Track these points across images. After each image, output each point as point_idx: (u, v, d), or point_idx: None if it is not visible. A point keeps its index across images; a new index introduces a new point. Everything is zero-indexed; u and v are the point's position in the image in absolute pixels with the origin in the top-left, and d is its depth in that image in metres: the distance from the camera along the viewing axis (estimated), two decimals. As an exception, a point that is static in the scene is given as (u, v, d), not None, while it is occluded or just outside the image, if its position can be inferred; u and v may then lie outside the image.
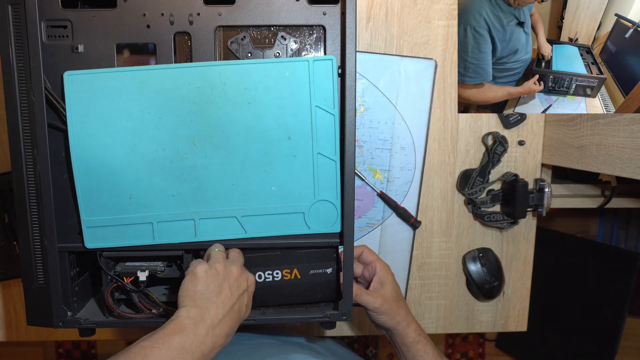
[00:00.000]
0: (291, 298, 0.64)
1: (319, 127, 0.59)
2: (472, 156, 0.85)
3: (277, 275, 0.62)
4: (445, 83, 0.82)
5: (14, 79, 0.56)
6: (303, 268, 0.63)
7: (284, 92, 0.58)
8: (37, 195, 0.58)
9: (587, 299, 1.35)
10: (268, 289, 0.63)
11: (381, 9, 0.80)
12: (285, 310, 0.64)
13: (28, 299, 0.61)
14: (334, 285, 0.64)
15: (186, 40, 0.59)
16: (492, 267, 0.87)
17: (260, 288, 0.62)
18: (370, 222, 0.84)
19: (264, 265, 0.62)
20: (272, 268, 0.62)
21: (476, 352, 1.80)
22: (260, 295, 0.62)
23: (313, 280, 0.63)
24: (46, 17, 0.57)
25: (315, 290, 0.64)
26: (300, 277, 0.63)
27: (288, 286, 0.63)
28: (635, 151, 0.70)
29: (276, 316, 0.63)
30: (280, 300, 0.64)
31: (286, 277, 0.63)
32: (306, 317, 0.63)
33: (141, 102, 0.57)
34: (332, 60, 0.58)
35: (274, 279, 0.62)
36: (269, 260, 0.62)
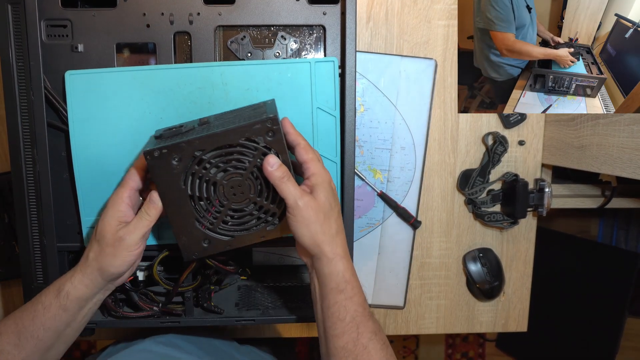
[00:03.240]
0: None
1: (320, 129, 0.59)
2: (472, 156, 0.85)
3: None
4: (446, 83, 0.82)
5: (13, 79, 0.56)
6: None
7: (285, 93, 0.58)
8: (37, 195, 0.58)
9: (587, 299, 1.35)
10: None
11: (381, 9, 0.79)
12: (285, 310, 0.64)
13: (27, 299, 0.60)
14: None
15: (186, 40, 0.59)
16: (492, 267, 0.87)
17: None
18: (371, 222, 0.84)
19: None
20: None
21: (476, 352, 1.80)
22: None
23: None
24: (46, 17, 0.57)
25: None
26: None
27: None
28: (635, 151, 0.70)
29: (276, 316, 0.63)
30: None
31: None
32: (306, 317, 0.63)
33: (142, 102, 0.57)
34: (333, 61, 0.58)
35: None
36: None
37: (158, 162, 0.50)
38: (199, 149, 0.50)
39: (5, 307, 0.84)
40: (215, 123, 0.53)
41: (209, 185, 0.52)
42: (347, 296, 0.51)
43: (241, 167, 0.51)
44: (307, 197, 0.50)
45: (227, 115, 0.55)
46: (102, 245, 0.52)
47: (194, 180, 0.51)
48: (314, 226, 0.50)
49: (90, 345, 1.70)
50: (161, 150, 0.49)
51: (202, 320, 0.62)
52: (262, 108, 0.53)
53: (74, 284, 0.52)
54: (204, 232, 0.54)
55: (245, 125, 0.49)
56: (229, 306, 0.65)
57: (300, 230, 0.51)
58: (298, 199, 0.50)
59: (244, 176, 0.52)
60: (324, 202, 0.51)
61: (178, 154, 0.50)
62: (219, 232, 0.54)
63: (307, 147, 0.53)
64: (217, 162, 0.51)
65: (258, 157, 0.51)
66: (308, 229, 0.50)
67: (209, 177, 0.51)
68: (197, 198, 0.52)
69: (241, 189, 0.52)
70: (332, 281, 0.51)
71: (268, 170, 0.50)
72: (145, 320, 0.61)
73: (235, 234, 0.55)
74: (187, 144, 0.49)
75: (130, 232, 0.52)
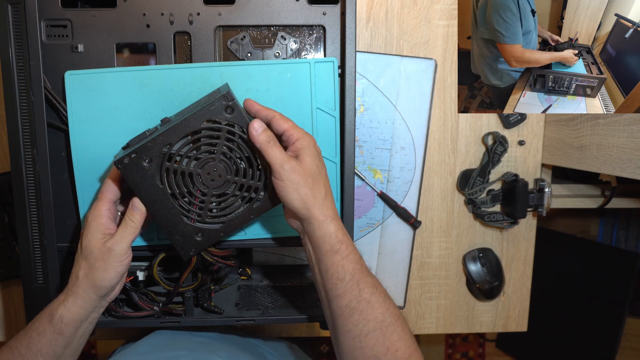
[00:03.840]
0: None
1: (320, 129, 0.59)
2: (472, 156, 0.85)
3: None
4: (445, 83, 0.82)
5: (13, 79, 0.56)
6: None
7: (285, 94, 0.58)
8: (37, 195, 0.58)
9: (587, 299, 1.35)
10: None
11: (381, 9, 0.79)
12: (285, 310, 0.64)
13: (27, 299, 0.61)
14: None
15: (186, 40, 0.59)
16: (492, 267, 0.87)
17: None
18: (370, 222, 0.84)
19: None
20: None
21: (476, 352, 1.80)
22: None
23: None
24: (46, 17, 0.57)
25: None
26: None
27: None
28: (635, 151, 0.70)
29: (276, 316, 0.63)
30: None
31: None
32: (306, 317, 0.63)
33: (142, 102, 0.57)
34: (333, 62, 0.58)
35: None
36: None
37: (130, 168, 0.50)
38: (165, 144, 0.50)
39: (5, 307, 0.84)
40: (175, 119, 0.53)
41: (185, 177, 0.52)
42: (343, 256, 0.51)
43: (210, 150, 0.52)
44: (293, 161, 0.50)
45: (185, 109, 0.56)
46: (91, 260, 0.52)
47: (170, 176, 0.52)
48: (303, 189, 0.50)
49: (90, 346, 1.70)
50: (130, 156, 0.50)
51: (202, 320, 0.62)
52: (216, 92, 0.54)
53: (67, 306, 0.52)
54: (194, 226, 0.54)
55: (202, 109, 0.50)
56: (229, 306, 0.65)
57: (290, 195, 0.50)
58: (284, 163, 0.49)
59: (216, 159, 0.52)
60: (310, 165, 0.50)
61: (147, 155, 0.50)
62: (209, 222, 0.54)
63: (282, 116, 0.52)
64: (186, 152, 0.51)
65: (224, 136, 0.51)
66: (298, 192, 0.50)
67: (183, 169, 0.52)
68: (178, 194, 0.53)
69: (217, 172, 0.52)
70: (325, 243, 0.51)
71: (253, 135, 0.49)
72: (145, 320, 0.61)
73: (225, 219, 0.55)
74: (152, 143, 0.50)
75: (117, 242, 0.51)
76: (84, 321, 0.53)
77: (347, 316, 0.51)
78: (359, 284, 0.51)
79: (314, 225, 0.51)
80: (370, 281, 0.52)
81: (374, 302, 0.51)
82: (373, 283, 0.52)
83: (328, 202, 0.52)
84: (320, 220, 0.50)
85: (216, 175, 0.52)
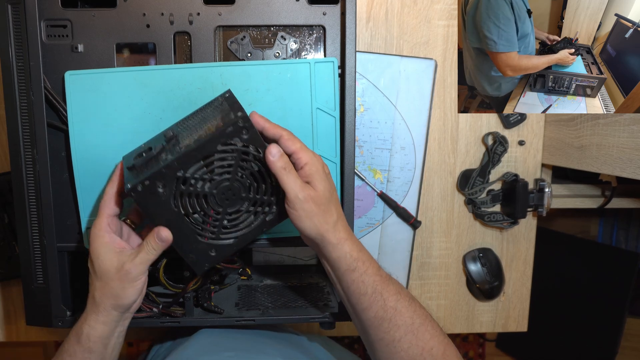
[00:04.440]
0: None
1: (320, 129, 0.59)
2: (472, 156, 0.85)
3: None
4: (445, 83, 0.82)
5: (13, 79, 0.56)
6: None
7: (285, 94, 0.58)
8: (37, 195, 0.58)
9: (587, 299, 1.35)
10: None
11: (381, 9, 0.79)
12: (285, 310, 0.64)
13: (27, 299, 0.61)
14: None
15: (186, 40, 0.59)
16: (492, 267, 0.87)
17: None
18: (370, 222, 0.84)
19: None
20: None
21: (476, 352, 1.80)
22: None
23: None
24: (46, 17, 0.57)
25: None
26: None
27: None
28: (635, 151, 0.70)
29: (276, 316, 0.63)
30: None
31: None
32: (306, 317, 0.63)
33: (142, 102, 0.57)
34: (333, 62, 0.58)
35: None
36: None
37: (143, 194, 0.49)
38: (180, 169, 0.49)
39: (5, 307, 0.84)
40: (182, 134, 0.51)
41: (199, 199, 0.51)
42: (360, 272, 0.51)
43: (226, 172, 0.51)
44: (307, 190, 0.49)
45: (189, 121, 0.53)
46: (106, 280, 0.51)
47: (184, 199, 0.50)
48: (316, 218, 0.50)
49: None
50: (143, 183, 0.48)
51: (202, 320, 0.62)
52: (224, 105, 0.52)
53: (91, 324, 0.52)
54: (208, 243, 0.53)
55: (217, 133, 0.48)
56: (229, 306, 0.65)
57: (303, 223, 0.50)
58: (299, 192, 0.49)
59: (231, 180, 0.51)
60: (322, 192, 0.50)
61: (161, 181, 0.49)
62: (222, 238, 0.54)
63: (291, 136, 0.51)
64: (201, 175, 0.50)
65: (239, 157, 0.50)
66: (311, 221, 0.50)
67: (198, 192, 0.50)
68: (192, 215, 0.52)
69: (232, 192, 0.52)
70: (342, 264, 0.51)
71: (270, 160, 0.49)
72: (145, 320, 0.61)
73: (238, 234, 0.54)
74: (167, 169, 0.48)
75: (136, 265, 0.51)
76: (111, 336, 0.53)
77: (377, 326, 0.52)
78: (382, 294, 0.52)
79: (329, 249, 0.51)
80: (393, 289, 0.52)
81: (401, 308, 0.52)
82: (396, 290, 0.53)
83: (340, 225, 0.52)
84: (334, 243, 0.51)
85: (230, 195, 0.52)
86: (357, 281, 0.51)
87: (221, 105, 0.52)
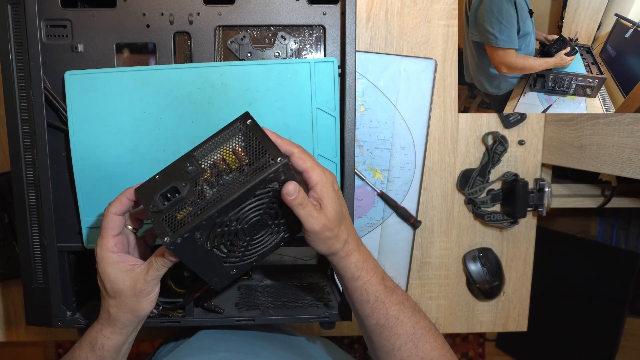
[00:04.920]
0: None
1: (320, 129, 0.59)
2: (472, 156, 0.85)
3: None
4: (445, 83, 0.82)
5: (13, 79, 0.56)
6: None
7: (285, 94, 0.58)
8: (37, 195, 0.58)
9: (587, 299, 1.35)
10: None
11: (381, 9, 0.79)
12: (285, 310, 0.64)
13: (27, 299, 0.60)
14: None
15: (186, 40, 0.59)
16: (492, 267, 0.87)
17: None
18: (371, 222, 0.84)
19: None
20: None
21: (476, 352, 1.80)
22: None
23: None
24: (46, 17, 0.57)
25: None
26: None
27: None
28: (635, 151, 0.70)
29: (276, 316, 0.63)
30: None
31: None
32: (306, 317, 0.63)
33: (142, 102, 0.57)
34: (333, 62, 0.58)
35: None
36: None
37: (182, 245, 0.47)
38: (219, 217, 0.48)
39: (5, 307, 0.84)
40: (209, 172, 0.49)
41: (232, 236, 0.51)
42: (364, 281, 0.53)
43: (257, 209, 0.50)
44: (322, 220, 0.50)
45: (212, 152, 0.51)
46: (122, 299, 0.51)
47: (218, 239, 0.50)
48: (330, 242, 0.52)
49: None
50: (183, 236, 0.46)
51: (202, 320, 0.62)
52: (251, 138, 0.49)
53: (107, 335, 0.52)
54: (231, 266, 0.54)
55: (259, 181, 0.47)
56: (229, 306, 0.65)
57: (318, 247, 0.52)
58: (315, 225, 0.50)
59: (262, 215, 0.51)
60: (333, 214, 0.51)
61: (199, 230, 0.47)
62: (245, 260, 0.55)
63: (302, 154, 0.51)
64: (237, 217, 0.49)
65: (273, 196, 0.50)
66: (324, 244, 0.52)
67: (231, 231, 0.50)
68: (222, 247, 0.52)
69: (259, 224, 0.52)
70: (347, 272, 0.53)
71: (288, 200, 0.49)
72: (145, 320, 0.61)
73: (259, 253, 0.55)
74: (207, 220, 0.47)
75: (148, 282, 0.51)
76: (125, 343, 0.54)
77: (379, 333, 0.53)
78: (384, 303, 0.53)
79: (336, 260, 0.53)
80: (397, 298, 0.54)
81: (403, 318, 0.53)
82: (400, 300, 0.54)
83: (350, 240, 0.53)
84: (342, 256, 0.53)
85: (258, 227, 0.52)
86: (360, 289, 0.53)
87: (247, 138, 0.50)
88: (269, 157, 0.48)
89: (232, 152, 0.49)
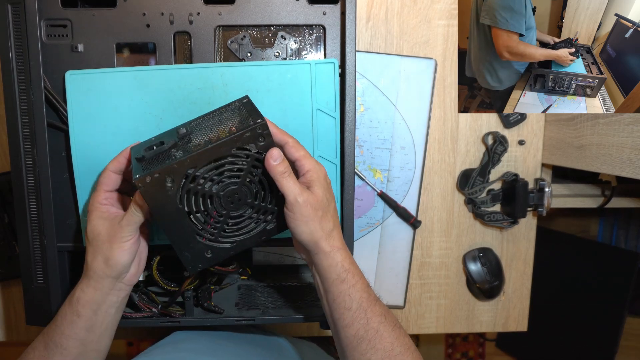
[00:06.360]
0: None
1: (320, 130, 0.59)
2: (472, 156, 0.85)
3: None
4: (445, 83, 0.82)
5: (13, 79, 0.56)
6: None
7: (285, 95, 0.58)
8: (37, 195, 0.58)
9: (587, 299, 1.35)
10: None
11: (381, 8, 0.79)
12: (285, 310, 0.64)
13: (27, 299, 0.61)
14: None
15: (186, 40, 0.59)
16: (492, 267, 0.87)
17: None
18: (370, 222, 0.84)
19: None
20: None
21: (476, 352, 1.80)
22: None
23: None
24: (46, 17, 0.57)
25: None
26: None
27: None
28: (635, 151, 0.70)
29: (276, 316, 0.63)
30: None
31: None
32: (306, 317, 0.63)
33: (142, 102, 0.57)
34: (334, 63, 0.58)
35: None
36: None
37: (151, 186, 0.48)
38: (191, 167, 0.49)
39: (5, 307, 0.84)
40: (196, 133, 0.51)
41: (205, 199, 0.51)
42: (349, 284, 0.51)
43: (235, 176, 0.51)
44: (306, 194, 0.50)
45: (205, 121, 0.53)
46: (98, 244, 0.52)
47: (190, 197, 0.50)
48: (312, 223, 0.50)
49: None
50: (153, 175, 0.48)
51: (202, 320, 0.62)
52: (242, 110, 0.52)
53: (82, 288, 0.53)
54: (205, 244, 0.53)
55: (235, 137, 0.48)
56: (229, 306, 0.65)
57: (299, 227, 0.50)
58: (298, 196, 0.49)
59: (239, 184, 0.51)
60: (321, 198, 0.51)
61: (170, 176, 0.48)
62: (221, 241, 0.54)
63: (296, 144, 0.52)
64: (210, 175, 0.50)
65: (251, 163, 0.50)
66: (307, 226, 0.50)
67: (205, 191, 0.50)
68: (195, 214, 0.52)
69: (238, 197, 0.52)
70: (332, 273, 0.51)
71: (271, 164, 0.49)
72: (145, 320, 0.61)
73: (237, 239, 0.54)
74: (179, 165, 0.48)
75: (122, 227, 0.51)
76: (102, 303, 0.53)
77: (355, 346, 0.51)
78: (366, 312, 0.51)
79: (321, 256, 0.51)
80: (379, 310, 0.52)
81: (383, 331, 0.51)
82: (382, 312, 0.52)
83: (335, 234, 0.52)
84: (327, 251, 0.51)
85: (236, 199, 0.52)
86: (344, 294, 0.51)
87: (239, 110, 0.52)
88: (250, 120, 0.49)
89: (222, 122, 0.51)
